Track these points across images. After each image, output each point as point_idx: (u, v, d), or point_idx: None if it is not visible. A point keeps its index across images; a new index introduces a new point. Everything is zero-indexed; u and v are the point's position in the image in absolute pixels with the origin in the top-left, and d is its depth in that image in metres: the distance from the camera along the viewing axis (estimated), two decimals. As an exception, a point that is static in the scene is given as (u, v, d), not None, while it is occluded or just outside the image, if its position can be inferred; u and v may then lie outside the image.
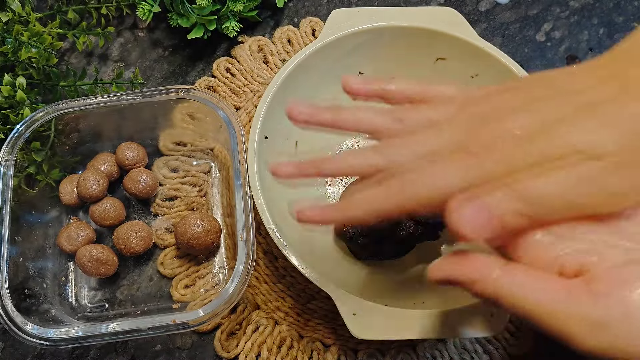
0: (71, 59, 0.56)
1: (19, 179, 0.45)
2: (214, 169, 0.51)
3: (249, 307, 0.47)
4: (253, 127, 0.43)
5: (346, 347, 0.46)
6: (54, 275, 0.46)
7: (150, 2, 0.52)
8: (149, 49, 0.57)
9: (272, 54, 0.55)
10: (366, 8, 0.47)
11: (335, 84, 0.50)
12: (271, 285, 0.48)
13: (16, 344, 0.46)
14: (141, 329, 0.39)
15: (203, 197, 0.50)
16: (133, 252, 0.46)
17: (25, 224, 0.45)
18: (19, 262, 0.43)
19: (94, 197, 0.46)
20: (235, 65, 0.55)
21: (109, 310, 0.46)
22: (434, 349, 0.46)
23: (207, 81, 0.55)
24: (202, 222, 0.45)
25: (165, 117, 0.49)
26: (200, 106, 0.46)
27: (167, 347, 0.46)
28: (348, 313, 0.38)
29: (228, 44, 0.56)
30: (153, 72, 0.56)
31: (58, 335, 0.38)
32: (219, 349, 0.46)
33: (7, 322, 0.38)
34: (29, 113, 0.45)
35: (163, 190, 0.50)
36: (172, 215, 0.50)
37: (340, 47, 0.46)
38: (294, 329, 0.47)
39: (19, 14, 0.49)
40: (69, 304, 0.46)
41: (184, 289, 0.47)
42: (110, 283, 0.47)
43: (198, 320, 0.39)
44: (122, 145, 0.49)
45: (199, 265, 0.48)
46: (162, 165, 0.51)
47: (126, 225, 0.46)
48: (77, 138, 0.49)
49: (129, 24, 0.58)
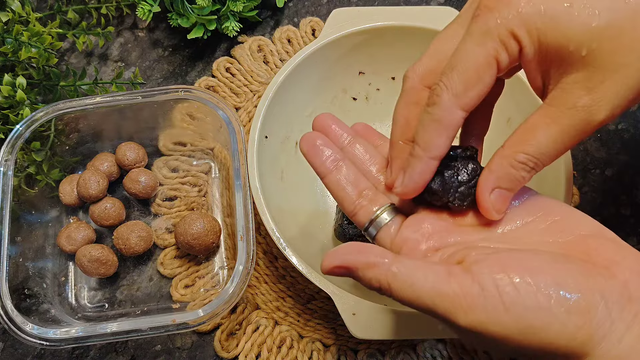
0: (71, 59, 0.56)
1: (19, 179, 0.45)
2: (214, 169, 0.51)
3: (249, 307, 0.47)
4: (253, 127, 0.43)
5: (346, 347, 0.46)
6: (54, 275, 0.46)
7: (150, 2, 0.52)
8: (149, 49, 0.57)
9: (272, 54, 0.55)
10: (366, 8, 0.47)
11: (335, 84, 0.50)
12: (271, 285, 0.48)
13: (16, 344, 0.47)
14: (141, 329, 0.39)
15: (203, 197, 0.50)
16: (133, 252, 0.46)
17: (25, 224, 0.45)
18: (19, 262, 0.43)
19: (94, 197, 0.46)
20: (235, 65, 0.55)
21: (109, 310, 0.46)
22: (434, 349, 0.46)
23: (207, 81, 0.55)
24: (202, 222, 0.45)
25: (165, 117, 0.49)
26: (200, 106, 0.46)
27: (167, 347, 0.46)
28: (348, 313, 0.38)
29: (228, 44, 0.56)
30: (153, 72, 0.56)
31: (58, 335, 0.38)
32: (219, 349, 0.46)
33: (7, 322, 0.38)
34: (29, 113, 0.45)
35: (163, 190, 0.50)
36: (172, 215, 0.50)
37: (340, 47, 0.46)
38: (294, 329, 0.47)
39: (19, 14, 0.49)
40: (69, 304, 0.46)
41: (184, 289, 0.47)
42: (110, 283, 0.47)
43: (198, 320, 0.39)
44: (122, 145, 0.49)
45: (199, 265, 0.48)
46: (162, 165, 0.51)
47: (126, 225, 0.46)
48: (77, 138, 0.49)
49: (129, 24, 0.58)
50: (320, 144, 0.30)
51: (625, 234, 0.49)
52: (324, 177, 0.31)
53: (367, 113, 0.51)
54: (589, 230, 0.25)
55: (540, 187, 0.43)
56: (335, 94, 0.50)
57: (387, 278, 0.24)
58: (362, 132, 0.33)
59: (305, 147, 0.31)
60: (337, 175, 0.30)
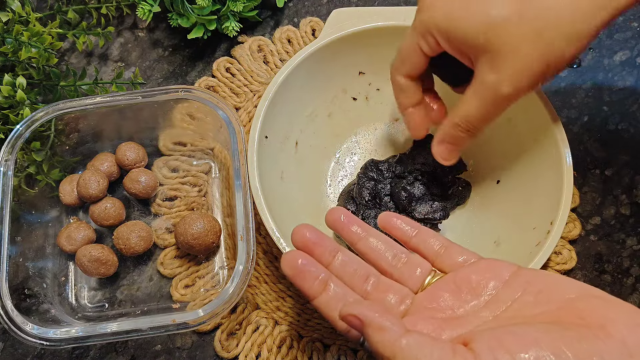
0: (71, 59, 0.56)
1: (19, 179, 0.45)
2: (214, 169, 0.51)
3: (249, 307, 0.47)
4: (253, 127, 0.43)
5: (346, 347, 0.46)
6: (54, 275, 0.46)
7: (150, 2, 0.52)
8: (149, 49, 0.57)
9: (272, 54, 0.55)
10: (366, 8, 0.47)
11: (335, 84, 0.50)
12: (271, 285, 0.48)
13: (16, 344, 0.47)
14: (141, 329, 0.39)
15: (203, 197, 0.50)
16: (133, 252, 0.46)
17: (25, 224, 0.45)
18: (19, 262, 0.43)
19: (94, 197, 0.46)
20: (235, 65, 0.55)
21: (109, 310, 0.46)
22: (434, 349, 0.46)
23: (207, 81, 0.55)
24: (202, 222, 0.45)
25: (165, 117, 0.49)
26: (200, 106, 0.46)
27: (167, 347, 0.46)
28: (348, 313, 0.38)
29: (228, 44, 0.56)
30: (153, 72, 0.56)
31: (58, 335, 0.38)
32: (219, 349, 0.46)
33: (7, 322, 0.38)
34: (29, 113, 0.45)
35: (163, 190, 0.50)
36: (172, 215, 0.50)
37: (340, 47, 0.46)
38: (294, 329, 0.47)
39: (19, 14, 0.49)
40: (69, 304, 0.46)
41: (184, 289, 0.47)
42: (110, 283, 0.47)
43: (198, 320, 0.39)
44: (122, 145, 0.49)
45: (199, 265, 0.48)
46: (162, 165, 0.51)
47: (126, 225, 0.46)
48: (77, 138, 0.49)
49: (129, 24, 0.58)
50: (303, 264, 0.31)
51: (626, 234, 0.49)
52: (313, 299, 0.31)
53: (367, 113, 0.51)
54: (576, 293, 0.26)
55: (540, 186, 0.43)
56: (335, 94, 0.50)
57: (393, 347, 0.24)
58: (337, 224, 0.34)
59: (290, 271, 0.31)
60: (326, 296, 0.30)
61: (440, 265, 0.32)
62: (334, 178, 0.50)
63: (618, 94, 0.53)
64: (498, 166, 0.47)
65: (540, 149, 0.43)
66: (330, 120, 0.51)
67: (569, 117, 0.53)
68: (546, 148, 0.43)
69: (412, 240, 0.33)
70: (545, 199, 0.42)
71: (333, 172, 0.50)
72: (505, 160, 0.47)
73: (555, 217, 0.40)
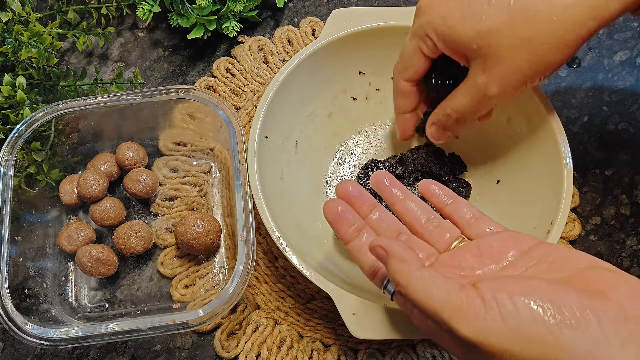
0: (71, 59, 0.56)
1: (19, 179, 0.45)
2: (214, 169, 0.51)
3: (249, 307, 0.47)
4: (253, 127, 0.43)
5: (346, 347, 0.46)
6: (54, 275, 0.46)
7: (150, 2, 0.52)
8: (149, 49, 0.57)
9: (272, 54, 0.55)
10: (366, 8, 0.47)
11: (335, 84, 0.50)
12: (271, 285, 0.48)
13: (16, 344, 0.47)
14: (141, 329, 0.39)
15: (203, 197, 0.50)
16: (133, 252, 0.46)
17: (26, 224, 0.45)
18: (19, 262, 0.43)
19: (94, 197, 0.46)
20: (235, 65, 0.55)
21: (109, 310, 0.46)
22: (434, 349, 0.46)
23: (207, 81, 0.55)
24: (202, 222, 0.45)
25: (165, 117, 0.49)
26: (200, 106, 0.46)
27: (167, 347, 0.46)
28: (348, 313, 0.38)
29: (228, 44, 0.56)
30: (153, 72, 0.56)
31: (58, 335, 0.38)
32: (219, 349, 0.46)
33: (7, 322, 0.38)
34: (29, 113, 0.45)
35: (163, 190, 0.50)
36: (172, 215, 0.50)
37: (340, 47, 0.46)
38: (294, 329, 0.47)
39: (19, 14, 0.49)
40: (69, 304, 0.46)
41: (184, 289, 0.47)
42: (110, 283, 0.47)
43: (198, 320, 0.39)
44: (122, 145, 0.49)
45: (199, 265, 0.48)
46: (162, 165, 0.51)
47: (126, 225, 0.46)
48: (77, 138, 0.49)
49: (129, 24, 0.58)
50: (343, 210, 0.34)
51: (626, 234, 0.49)
52: (347, 243, 0.34)
53: (367, 113, 0.51)
54: (587, 263, 0.28)
55: (540, 186, 0.43)
56: (335, 94, 0.50)
57: (409, 276, 0.27)
58: (381, 186, 0.36)
59: (330, 215, 0.34)
60: (358, 242, 0.33)
61: (468, 233, 0.34)
62: (334, 178, 0.50)
63: (618, 94, 0.53)
64: (498, 166, 0.47)
65: (540, 149, 0.43)
66: (330, 120, 0.51)
67: (569, 117, 0.53)
68: (546, 148, 0.43)
69: (446, 207, 0.35)
70: (545, 199, 0.42)
71: (333, 172, 0.50)
72: (505, 160, 0.47)
73: (555, 217, 0.40)
